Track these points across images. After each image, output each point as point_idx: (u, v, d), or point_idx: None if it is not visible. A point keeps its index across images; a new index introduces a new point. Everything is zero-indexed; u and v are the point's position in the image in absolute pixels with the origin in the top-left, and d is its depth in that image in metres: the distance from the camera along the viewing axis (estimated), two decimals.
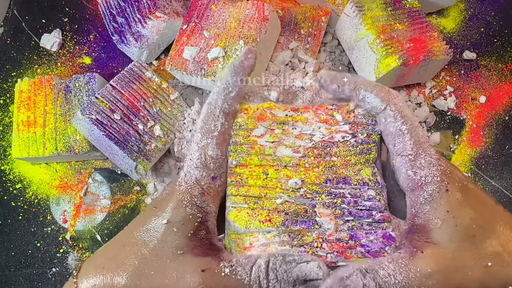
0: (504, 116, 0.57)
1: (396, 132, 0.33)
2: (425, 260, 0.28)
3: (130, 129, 0.50)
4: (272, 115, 0.34)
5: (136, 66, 0.53)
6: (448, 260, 0.28)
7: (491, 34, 0.61)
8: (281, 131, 0.33)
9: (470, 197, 0.31)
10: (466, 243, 0.29)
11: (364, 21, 0.51)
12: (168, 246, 0.29)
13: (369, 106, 0.34)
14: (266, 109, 0.34)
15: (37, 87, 0.54)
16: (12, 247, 0.53)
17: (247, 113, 0.34)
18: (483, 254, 0.29)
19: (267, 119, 0.33)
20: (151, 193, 0.54)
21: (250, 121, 0.33)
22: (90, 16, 0.62)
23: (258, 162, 0.33)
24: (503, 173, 0.55)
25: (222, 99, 0.33)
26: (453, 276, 0.28)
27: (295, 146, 0.33)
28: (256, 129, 0.33)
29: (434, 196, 0.30)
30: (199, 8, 0.52)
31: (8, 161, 0.56)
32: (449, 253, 0.29)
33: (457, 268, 0.29)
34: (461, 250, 0.29)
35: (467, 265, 0.29)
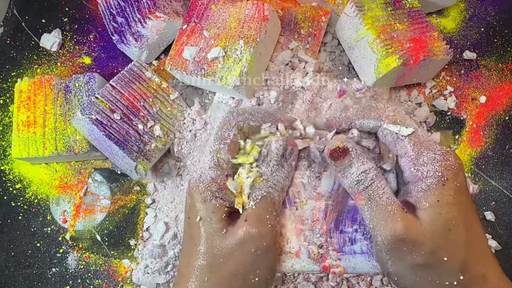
0: (504, 116, 0.57)
1: (395, 140, 0.36)
2: (404, 223, 0.31)
3: (130, 129, 0.50)
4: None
5: (136, 66, 0.53)
6: (420, 236, 0.31)
7: (491, 34, 0.61)
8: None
9: (462, 200, 0.33)
10: (440, 231, 0.32)
11: (364, 21, 0.51)
12: (212, 234, 0.33)
13: (368, 129, 0.38)
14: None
15: (37, 87, 0.54)
16: (12, 247, 0.53)
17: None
18: (447, 248, 0.32)
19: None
20: (151, 193, 0.54)
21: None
22: (90, 16, 0.62)
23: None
24: (503, 173, 0.55)
25: (243, 117, 0.37)
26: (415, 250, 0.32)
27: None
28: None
29: (431, 187, 0.32)
30: (199, 8, 0.52)
31: (8, 161, 0.56)
32: (424, 231, 0.32)
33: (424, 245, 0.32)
34: (434, 235, 0.32)
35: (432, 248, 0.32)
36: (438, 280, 0.32)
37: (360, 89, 0.53)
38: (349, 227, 0.35)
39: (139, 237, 0.53)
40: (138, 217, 0.53)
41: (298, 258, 0.35)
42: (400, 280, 0.33)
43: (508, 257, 0.52)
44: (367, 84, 0.53)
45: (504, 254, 0.52)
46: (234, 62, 0.48)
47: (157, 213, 0.53)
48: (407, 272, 0.32)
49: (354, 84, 0.53)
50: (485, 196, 0.54)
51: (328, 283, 0.48)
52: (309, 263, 0.35)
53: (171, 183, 0.53)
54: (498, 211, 0.54)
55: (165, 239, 0.50)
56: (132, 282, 0.51)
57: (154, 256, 0.50)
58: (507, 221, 0.53)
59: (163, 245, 0.50)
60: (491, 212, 0.53)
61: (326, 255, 0.34)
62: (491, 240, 0.52)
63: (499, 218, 0.54)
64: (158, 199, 0.53)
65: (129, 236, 0.53)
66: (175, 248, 0.49)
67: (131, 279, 0.51)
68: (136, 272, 0.51)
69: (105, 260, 0.52)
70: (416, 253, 0.31)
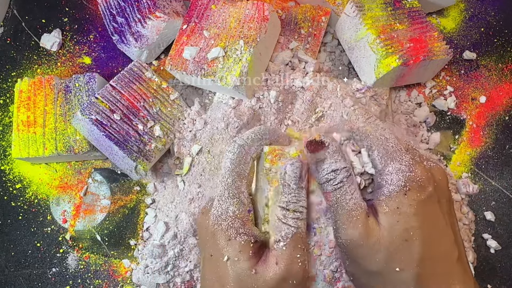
0: (504, 116, 0.57)
1: (366, 149, 0.37)
2: (364, 229, 0.32)
3: (130, 129, 0.50)
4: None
5: (136, 66, 0.53)
6: (377, 244, 0.32)
7: (491, 34, 0.61)
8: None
9: (427, 213, 0.32)
10: (396, 240, 0.31)
11: (364, 21, 0.51)
12: (242, 275, 0.32)
13: (352, 147, 0.38)
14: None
15: (37, 87, 0.54)
16: (12, 247, 0.53)
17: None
18: (400, 259, 0.31)
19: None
20: (151, 193, 0.54)
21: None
22: (90, 16, 0.62)
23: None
24: (503, 173, 0.55)
25: (255, 147, 0.37)
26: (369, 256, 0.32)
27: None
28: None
29: (392, 193, 0.33)
30: (199, 8, 0.52)
31: (8, 161, 0.56)
32: (381, 238, 0.32)
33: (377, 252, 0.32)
34: (389, 243, 0.31)
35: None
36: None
37: (360, 89, 0.53)
38: None
39: (139, 237, 0.53)
40: (138, 217, 0.53)
41: (314, 282, 0.35)
42: (355, 281, 0.33)
43: (508, 257, 0.52)
44: (367, 84, 0.53)
45: (504, 254, 0.52)
46: (234, 62, 0.48)
47: (157, 213, 0.53)
48: (362, 275, 0.32)
49: (354, 84, 0.53)
50: (485, 196, 0.54)
51: None
52: (324, 285, 0.35)
53: (171, 183, 0.53)
54: (498, 211, 0.54)
55: (165, 239, 0.50)
56: (132, 282, 0.51)
57: (154, 256, 0.50)
58: (507, 221, 0.53)
59: (163, 245, 0.50)
60: (491, 212, 0.53)
61: (340, 278, 0.35)
62: (491, 240, 0.52)
63: (499, 218, 0.54)
64: (158, 199, 0.53)
65: (129, 236, 0.53)
66: (175, 248, 0.49)
67: (131, 279, 0.51)
68: (136, 272, 0.51)
69: (105, 260, 0.52)
70: (370, 260, 0.31)
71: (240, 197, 0.34)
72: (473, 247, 0.52)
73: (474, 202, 0.54)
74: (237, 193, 0.34)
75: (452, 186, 0.54)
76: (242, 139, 0.37)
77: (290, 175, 0.34)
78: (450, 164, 0.56)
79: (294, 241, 0.32)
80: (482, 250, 0.53)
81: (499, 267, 0.52)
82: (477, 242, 0.53)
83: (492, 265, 0.52)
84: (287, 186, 0.34)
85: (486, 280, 0.51)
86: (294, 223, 0.33)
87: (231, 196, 0.34)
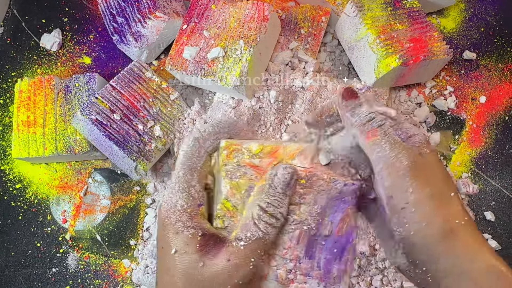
0: (504, 116, 0.57)
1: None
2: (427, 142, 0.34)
3: (130, 129, 0.50)
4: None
5: (136, 66, 0.53)
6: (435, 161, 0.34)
7: (491, 34, 0.61)
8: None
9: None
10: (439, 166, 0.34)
11: (364, 21, 0.51)
12: (189, 267, 0.32)
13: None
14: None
15: (37, 87, 0.54)
16: (12, 247, 0.53)
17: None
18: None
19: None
20: (151, 193, 0.54)
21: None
22: (90, 16, 0.62)
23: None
24: (503, 173, 0.55)
25: (211, 141, 0.36)
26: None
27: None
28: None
29: (421, 141, 0.34)
30: (199, 8, 0.52)
31: (8, 161, 0.56)
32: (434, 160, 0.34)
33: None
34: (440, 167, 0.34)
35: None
36: (451, 217, 0.32)
37: (360, 89, 0.53)
38: (319, 254, 0.35)
39: (139, 237, 0.53)
40: (138, 217, 0.53)
41: (266, 280, 0.34)
42: (418, 212, 0.32)
43: (508, 257, 0.52)
44: (367, 84, 0.53)
45: (504, 254, 0.52)
46: (234, 62, 0.47)
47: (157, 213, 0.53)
48: (428, 201, 0.32)
49: (354, 84, 0.54)
50: (485, 196, 0.54)
51: None
52: (276, 285, 0.34)
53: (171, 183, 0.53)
54: (498, 211, 0.54)
55: None
56: (132, 282, 0.51)
57: (154, 256, 0.50)
58: (507, 221, 0.53)
59: None
60: (491, 212, 0.53)
61: (294, 279, 0.34)
62: (491, 240, 0.52)
63: (499, 218, 0.54)
64: (158, 199, 0.53)
65: (129, 236, 0.53)
66: None
67: (131, 279, 0.51)
68: (136, 272, 0.51)
69: (105, 260, 0.52)
70: (435, 181, 0.32)
71: (189, 191, 0.34)
72: None
73: (474, 202, 0.54)
74: (187, 186, 0.34)
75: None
76: (198, 132, 0.36)
77: (279, 178, 0.33)
78: (450, 164, 0.56)
79: (255, 244, 0.32)
80: None
81: None
82: None
83: None
84: (273, 188, 0.33)
85: None
86: (265, 228, 0.32)
87: (181, 190, 0.34)
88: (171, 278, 0.33)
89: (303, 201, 0.34)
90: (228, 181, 0.34)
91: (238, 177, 0.34)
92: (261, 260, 0.33)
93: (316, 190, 0.34)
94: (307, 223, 0.34)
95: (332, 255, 0.35)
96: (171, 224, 0.33)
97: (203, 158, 0.35)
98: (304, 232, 0.34)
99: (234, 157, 0.35)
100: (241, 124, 0.38)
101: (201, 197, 0.35)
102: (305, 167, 0.35)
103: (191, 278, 0.32)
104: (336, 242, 0.35)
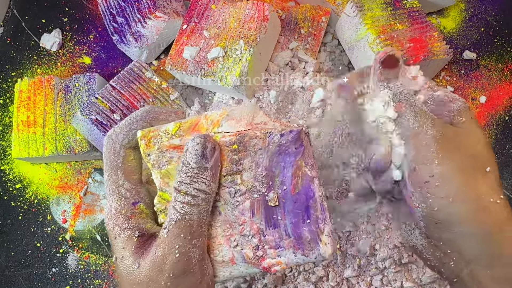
0: (504, 116, 0.57)
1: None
2: (462, 106, 0.32)
3: None
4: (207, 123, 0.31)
5: (136, 66, 0.53)
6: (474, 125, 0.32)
7: (491, 34, 0.61)
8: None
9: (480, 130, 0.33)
10: (481, 134, 0.32)
11: (364, 21, 0.51)
12: (128, 272, 0.30)
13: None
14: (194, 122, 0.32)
15: (37, 87, 0.54)
16: (12, 247, 0.53)
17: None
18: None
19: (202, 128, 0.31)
20: None
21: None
22: (90, 16, 0.62)
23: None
24: (503, 173, 0.55)
25: (124, 134, 0.33)
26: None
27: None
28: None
29: (462, 108, 0.33)
30: (199, 8, 0.52)
31: (8, 161, 0.56)
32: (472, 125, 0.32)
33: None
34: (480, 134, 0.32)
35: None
36: (484, 195, 0.30)
37: None
38: (283, 220, 0.31)
39: None
40: None
41: (235, 265, 0.31)
42: (444, 186, 0.30)
43: None
44: None
45: None
46: (234, 62, 0.48)
47: None
48: (456, 174, 0.30)
49: None
50: None
51: (328, 283, 0.48)
52: (247, 267, 0.31)
53: None
54: None
55: None
56: None
57: None
58: None
59: None
60: None
61: (264, 255, 0.31)
62: None
63: None
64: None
65: None
66: None
67: None
68: None
69: (105, 260, 0.52)
70: (465, 154, 0.30)
71: (119, 191, 0.32)
72: None
73: None
74: (116, 187, 0.32)
75: None
76: (112, 129, 0.33)
77: (190, 152, 0.29)
78: None
79: (176, 228, 0.29)
80: None
81: None
82: None
83: None
84: (185, 165, 0.30)
85: None
86: (181, 209, 0.29)
87: (111, 192, 0.32)
88: (118, 286, 0.31)
89: (241, 168, 0.30)
90: (157, 171, 0.31)
91: (165, 164, 0.31)
92: (190, 245, 0.29)
93: (253, 151, 0.30)
94: (256, 189, 0.30)
95: (297, 217, 0.30)
96: (110, 231, 0.31)
97: (120, 153, 0.32)
98: (256, 201, 0.30)
99: (154, 144, 0.31)
100: (157, 109, 0.34)
101: (135, 194, 0.32)
102: (236, 131, 0.30)
103: (132, 283, 0.30)
104: (296, 201, 0.30)
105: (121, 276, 0.30)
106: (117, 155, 0.32)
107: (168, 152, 0.31)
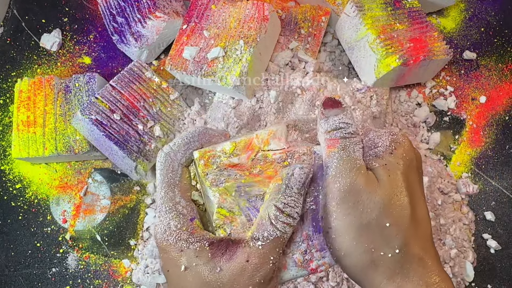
0: (504, 116, 0.57)
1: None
2: (366, 177, 0.32)
3: (130, 129, 0.50)
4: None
5: (136, 66, 0.53)
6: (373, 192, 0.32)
7: (491, 34, 0.61)
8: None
9: (410, 174, 0.34)
10: (389, 193, 0.32)
11: (364, 21, 0.51)
12: (205, 277, 0.31)
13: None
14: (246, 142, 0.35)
15: (37, 87, 0.54)
16: (12, 247, 0.53)
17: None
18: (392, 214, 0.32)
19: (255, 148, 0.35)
20: (151, 193, 0.54)
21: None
22: (90, 16, 0.62)
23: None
24: (503, 173, 0.55)
25: (182, 153, 0.35)
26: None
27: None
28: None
29: (379, 154, 0.34)
30: (199, 8, 0.52)
31: (8, 161, 0.56)
32: (378, 189, 0.32)
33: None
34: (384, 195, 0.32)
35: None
36: (374, 249, 0.31)
37: (360, 89, 0.53)
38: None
39: (139, 237, 0.53)
40: (138, 217, 0.53)
41: (286, 270, 0.34)
42: (337, 240, 0.32)
43: (508, 257, 0.52)
44: (367, 84, 0.53)
45: (504, 254, 0.52)
46: (234, 62, 0.48)
47: None
48: (348, 230, 0.32)
49: (354, 84, 0.54)
50: (485, 196, 0.54)
51: (328, 283, 0.48)
52: (297, 270, 0.34)
53: None
54: (498, 211, 0.54)
55: None
56: (132, 282, 0.51)
57: (154, 256, 0.50)
58: (507, 221, 0.53)
59: None
60: (491, 212, 0.53)
61: (312, 258, 0.34)
62: (491, 240, 0.52)
63: (499, 218, 0.54)
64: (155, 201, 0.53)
65: (129, 236, 0.53)
66: None
67: (131, 279, 0.51)
68: (136, 272, 0.51)
69: (105, 260, 0.52)
70: (363, 210, 0.31)
71: (177, 209, 0.33)
72: (473, 247, 0.52)
73: (474, 202, 0.54)
74: (173, 205, 0.33)
75: (452, 186, 0.54)
76: (168, 147, 0.35)
77: (296, 178, 0.33)
78: (450, 164, 0.56)
79: (273, 243, 0.32)
80: (482, 250, 0.53)
81: (499, 267, 0.52)
82: (477, 242, 0.53)
83: (492, 265, 0.52)
84: (289, 188, 0.33)
85: (486, 280, 0.51)
86: (282, 228, 0.32)
87: (168, 210, 0.33)
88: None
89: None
90: (215, 189, 0.34)
91: (223, 182, 0.34)
92: (279, 257, 0.32)
93: None
94: (306, 200, 0.34)
95: None
96: (171, 246, 0.32)
97: (178, 171, 0.35)
98: (306, 210, 0.34)
99: (212, 164, 0.34)
100: (210, 131, 0.37)
101: (190, 211, 0.34)
102: (283, 148, 0.34)
103: (212, 285, 0.31)
104: None
105: (191, 283, 0.31)
106: (175, 173, 0.34)
107: (226, 170, 0.34)
